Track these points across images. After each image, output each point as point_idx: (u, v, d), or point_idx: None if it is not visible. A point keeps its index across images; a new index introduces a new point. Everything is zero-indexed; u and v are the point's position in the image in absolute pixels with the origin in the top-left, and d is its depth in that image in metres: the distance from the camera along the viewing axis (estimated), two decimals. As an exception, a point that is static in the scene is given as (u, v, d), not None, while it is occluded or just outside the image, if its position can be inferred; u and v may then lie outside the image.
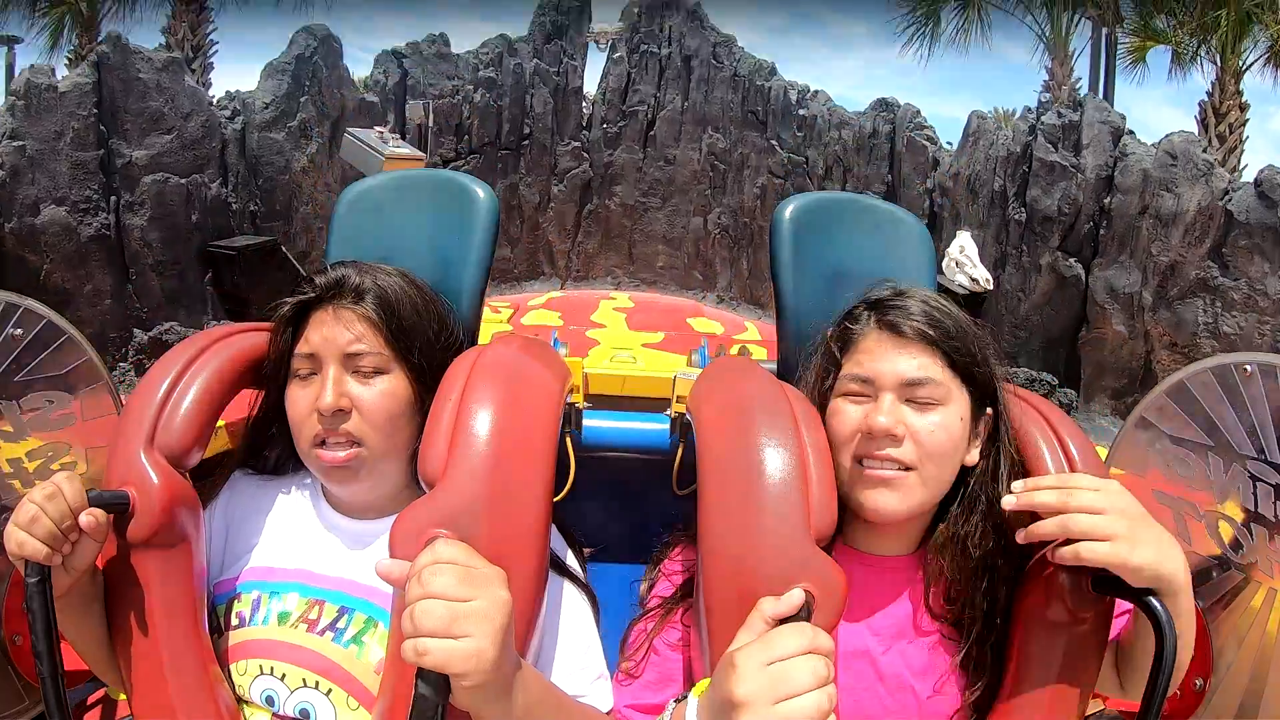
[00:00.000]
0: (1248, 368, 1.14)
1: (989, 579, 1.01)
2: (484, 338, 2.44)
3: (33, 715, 1.25)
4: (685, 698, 0.87)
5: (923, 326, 1.01)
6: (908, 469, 0.98)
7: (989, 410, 1.05)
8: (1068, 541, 0.88)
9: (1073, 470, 1.02)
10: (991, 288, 1.70)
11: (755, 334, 3.09)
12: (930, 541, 1.05)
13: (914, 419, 0.98)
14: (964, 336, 1.02)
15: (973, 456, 1.04)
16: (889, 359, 1.00)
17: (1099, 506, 0.86)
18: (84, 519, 0.88)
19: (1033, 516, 0.92)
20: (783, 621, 0.82)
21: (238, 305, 1.75)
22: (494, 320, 3.03)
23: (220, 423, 1.17)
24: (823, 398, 1.07)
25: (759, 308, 3.36)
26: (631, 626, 1.11)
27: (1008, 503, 0.92)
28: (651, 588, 1.14)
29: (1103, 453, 1.16)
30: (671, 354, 2.72)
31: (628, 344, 2.82)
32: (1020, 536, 0.92)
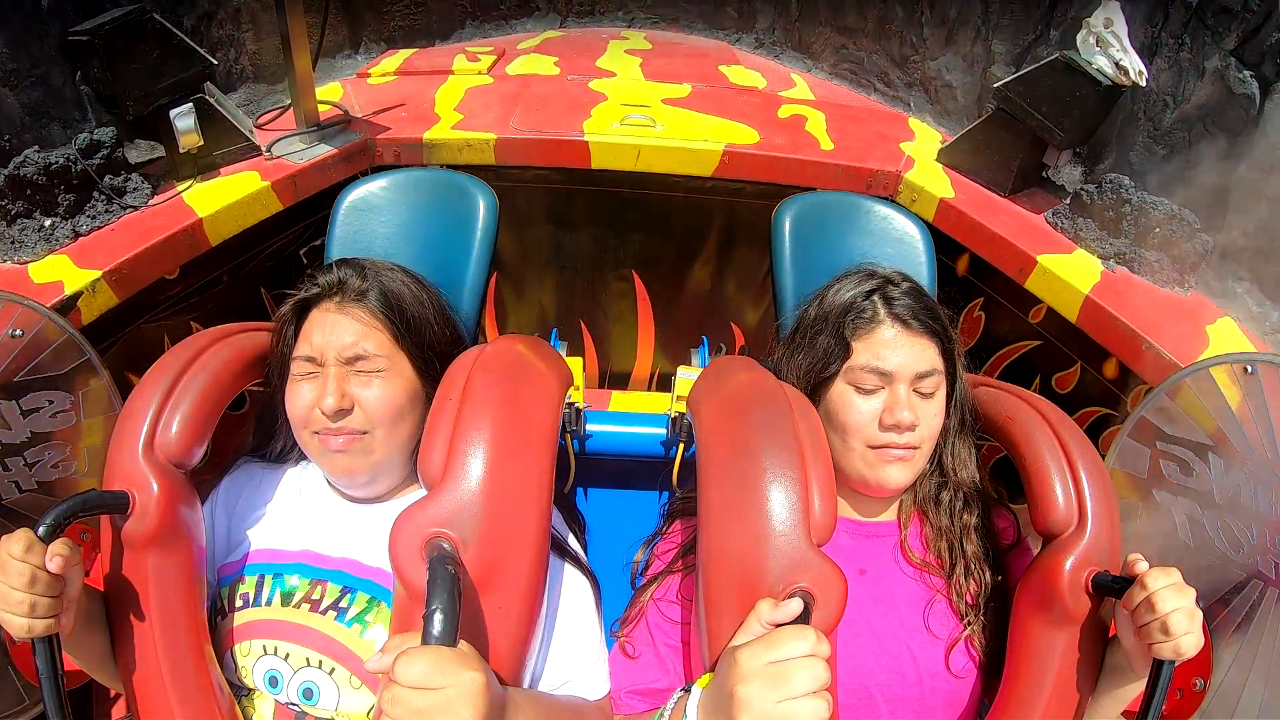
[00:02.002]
0: (1248, 368, 1.14)
1: (961, 522, 1.13)
2: (457, 93, 2.25)
3: (33, 715, 1.25)
4: (690, 688, 0.87)
5: (927, 319, 1.09)
6: (914, 448, 1.07)
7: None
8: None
9: (1073, 470, 1.02)
10: (1141, 83, 1.38)
11: (806, 91, 2.47)
12: (907, 498, 1.17)
13: (921, 407, 1.07)
14: (946, 322, 1.12)
15: None
16: (902, 352, 1.07)
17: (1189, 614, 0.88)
18: (54, 564, 0.85)
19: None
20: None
21: (110, 105, 1.49)
22: (470, 70, 2.47)
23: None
24: (819, 380, 1.10)
25: (809, 57, 2.76)
26: (634, 600, 1.13)
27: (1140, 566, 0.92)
28: (651, 555, 1.17)
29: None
30: (701, 114, 2.15)
31: (644, 98, 2.25)
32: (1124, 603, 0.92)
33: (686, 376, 1.49)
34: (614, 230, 2.26)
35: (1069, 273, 1.56)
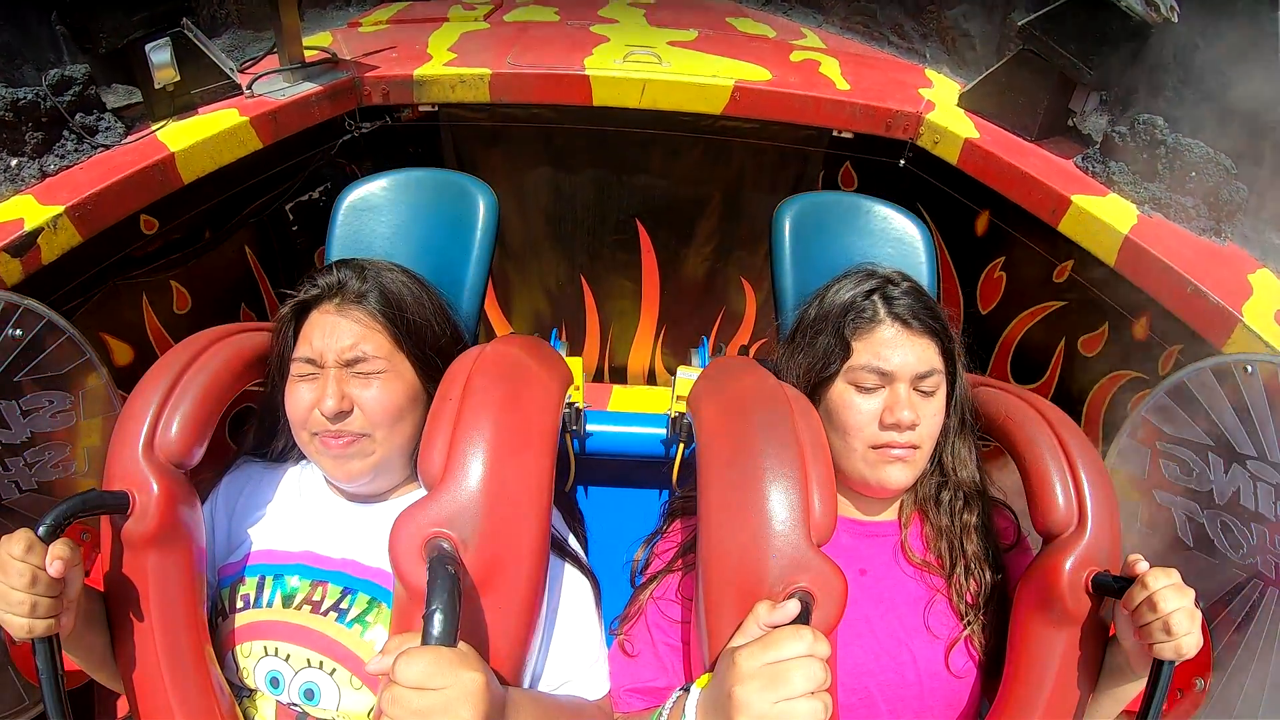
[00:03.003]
0: (1248, 368, 1.14)
1: (961, 522, 1.13)
2: (451, 36, 2.10)
3: (33, 715, 1.25)
4: (689, 688, 0.87)
5: (928, 318, 1.09)
6: (915, 447, 1.06)
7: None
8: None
9: (1073, 470, 1.02)
10: (1173, 19, 1.29)
11: (817, 41, 2.34)
12: (908, 498, 1.17)
13: (922, 406, 1.07)
14: (946, 322, 1.12)
15: None
16: (902, 351, 1.07)
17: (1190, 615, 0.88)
18: (54, 567, 0.85)
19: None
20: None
21: (84, 42, 1.43)
22: (466, 19, 2.34)
23: None
24: (820, 380, 1.10)
25: (819, 12, 2.63)
26: (634, 598, 1.13)
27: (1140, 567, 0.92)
28: (651, 554, 1.17)
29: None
30: (710, 56, 1.99)
31: (649, 41, 2.10)
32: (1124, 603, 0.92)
33: (686, 376, 1.49)
34: (617, 176, 2.15)
35: (1105, 213, 1.49)
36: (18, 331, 1.18)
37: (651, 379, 2.59)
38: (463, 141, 2.17)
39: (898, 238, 1.43)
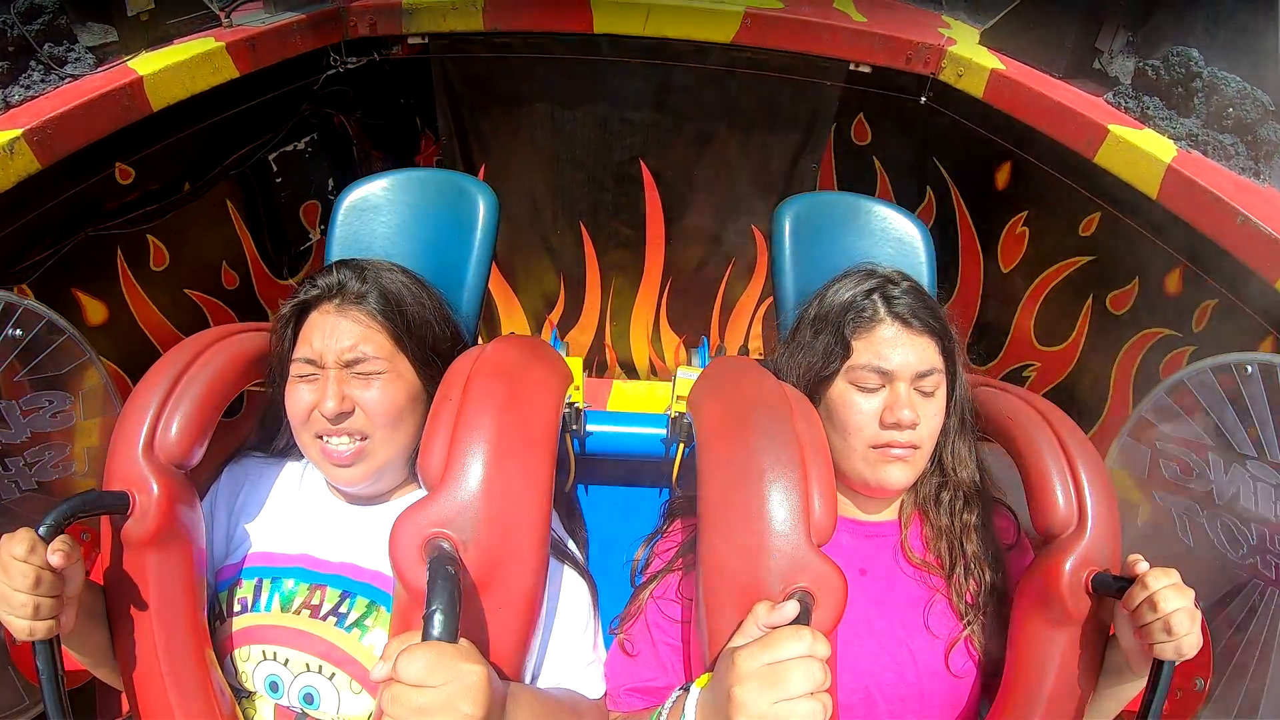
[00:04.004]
0: (1248, 368, 1.14)
1: (961, 522, 1.13)
2: None
3: (33, 715, 1.25)
4: (689, 687, 0.87)
5: (928, 318, 1.08)
6: (915, 447, 1.06)
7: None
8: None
9: (1073, 471, 1.02)
10: None
11: None
12: (908, 498, 1.17)
13: (922, 405, 1.06)
14: (947, 321, 1.12)
15: None
16: (903, 351, 1.07)
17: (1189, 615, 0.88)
18: (55, 560, 0.85)
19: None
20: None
21: None
22: None
23: None
24: (820, 379, 1.10)
25: None
26: (634, 598, 1.13)
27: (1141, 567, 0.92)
28: (651, 553, 1.17)
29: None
30: None
31: None
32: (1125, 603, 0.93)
33: (686, 376, 1.49)
34: (619, 112, 2.02)
35: (1145, 143, 1.41)
36: (18, 331, 1.18)
37: (656, 340, 2.44)
38: (455, 82, 2.02)
39: (898, 238, 1.43)
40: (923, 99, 1.85)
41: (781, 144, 1.61)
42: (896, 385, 1.06)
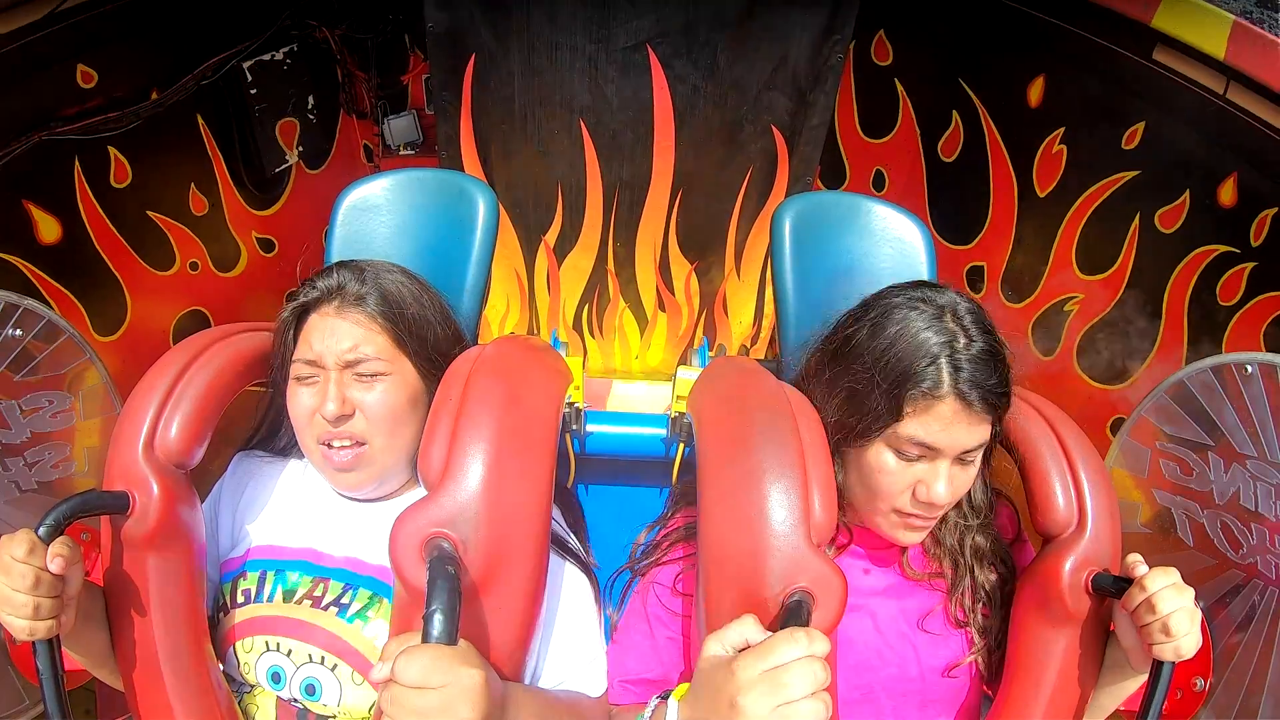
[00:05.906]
0: (1248, 368, 1.14)
1: (967, 524, 1.10)
2: None
3: (33, 715, 1.25)
4: (667, 696, 0.87)
5: (991, 392, 0.96)
6: (940, 515, 1.03)
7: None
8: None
9: (1073, 471, 1.02)
10: None
11: None
12: None
13: (958, 476, 0.99)
14: (1010, 388, 1.00)
15: None
16: (956, 432, 0.96)
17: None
18: (54, 564, 0.85)
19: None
20: (782, 624, 0.82)
21: None
22: None
23: None
24: (857, 430, 1.01)
25: None
26: (629, 585, 1.13)
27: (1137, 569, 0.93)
28: (651, 543, 1.16)
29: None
30: None
31: None
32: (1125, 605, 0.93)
33: (687, 376, 1.49)
34: None
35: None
36: (17, 331, 1.18)
37: (665, 267, 2.16)
38: None
39: (898, 238, 1.43)
40: None
41: (801, 32, 1.46)
42: (938, 463, 0.98)
